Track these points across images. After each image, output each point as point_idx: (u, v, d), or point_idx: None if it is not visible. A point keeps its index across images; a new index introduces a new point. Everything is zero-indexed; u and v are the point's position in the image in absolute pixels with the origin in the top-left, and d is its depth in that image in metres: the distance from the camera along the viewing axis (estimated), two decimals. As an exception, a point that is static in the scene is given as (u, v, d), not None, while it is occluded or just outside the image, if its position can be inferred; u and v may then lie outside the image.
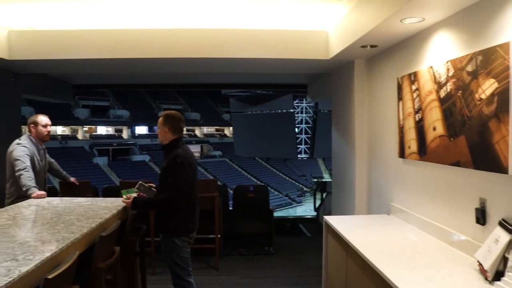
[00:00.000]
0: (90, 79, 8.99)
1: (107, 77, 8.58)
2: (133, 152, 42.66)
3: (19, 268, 1.95)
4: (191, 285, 3.67)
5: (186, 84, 10.19)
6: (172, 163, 3.48)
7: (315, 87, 8.40)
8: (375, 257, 2.79)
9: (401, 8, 2.95)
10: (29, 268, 1.97)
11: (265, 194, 6.77)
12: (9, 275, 1.87)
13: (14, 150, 4.28)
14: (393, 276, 2.42)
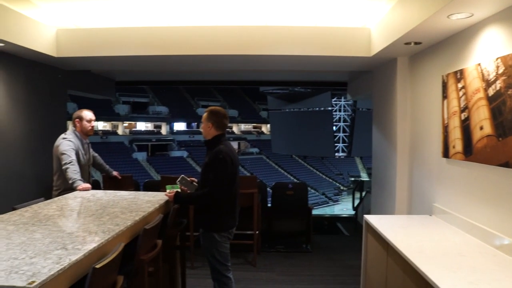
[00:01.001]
0: (132, 75, 9.20)
1: (148, 74, 8.77)
2: (171, 147, 43.29)
3: (69, 257, 2.02)
4: (229, 280, 3.69)
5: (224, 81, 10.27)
6: (214, 159, 3.51)
7: (355, 84, 8.30)
8: (417, 258, 2.73)
9: (448, 4, 2.87)
10: (78, 257, 2.03)
11: (304, 192, 6.74)
12: (60, 263, 1.94)
13: (60, 144, 4.42)
14: (437, 278, 2.37)
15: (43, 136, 5.98)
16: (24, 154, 5.71)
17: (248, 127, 49.51)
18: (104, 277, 2.05)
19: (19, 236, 2.39)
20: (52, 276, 1.80)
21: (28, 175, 5.76)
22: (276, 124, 35.42)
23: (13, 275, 1.78)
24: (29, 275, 1.78)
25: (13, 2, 4.57)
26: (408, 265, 2.77)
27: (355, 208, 10.12)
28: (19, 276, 1.77)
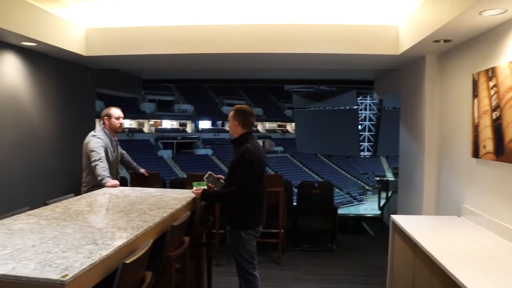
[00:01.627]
0: (158, 74, 9.31)
1: (174, 72, 8.85)
2: (196, 146, 43.58)
3: (100, 252, 2.06)
4: (255, 278, 3.70)
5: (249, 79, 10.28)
6: (240, 158, 3.52)
7: (382, 83, 8.20)
8: (446, 259, 2.69)
9: (480, 0, 2.82)
10: (108, 252, 2.08)
11: (329, 191, 6.71)
12: (91, 257, 1.98)
13: (89, 141, 4.50)
14: (466, 280, 2.32)
15: (73, 134, 6.10)
16: (55, 151, 5.85)
17: (273, 125, 49.45)
18: (133, 272, 2.08)
19: (51, 231, 2.46)
20: (84, 270, 1.85)
21: (59, 171, 5.90)
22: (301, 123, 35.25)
23: (48, 268, 1.83)
24: (62, 268, 1.83)
25: (44, 2, 4.67)
26: (437, 267, 2.73)
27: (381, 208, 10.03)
28: (53, 269, 1.82)
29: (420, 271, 3.17)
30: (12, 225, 2.59)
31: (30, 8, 4.57)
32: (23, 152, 5.21)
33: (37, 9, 4.69)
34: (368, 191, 40.28)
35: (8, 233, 2.41)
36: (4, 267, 1.83)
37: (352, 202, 37.44)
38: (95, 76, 6.91)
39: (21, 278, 1.75)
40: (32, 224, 2.62)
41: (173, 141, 42.66)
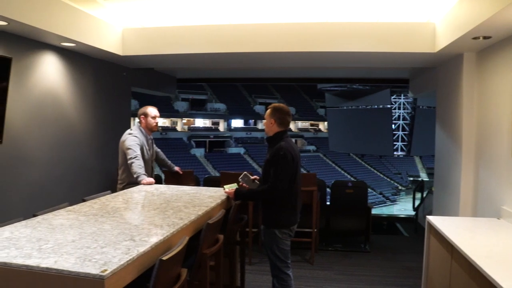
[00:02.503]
0: (192, 73, 9.42)
1: (207, 71, 8.94)
2: (228, 144, 43.79)
3: (137, 248, 2.10)
4: (288, 277, 3.70)
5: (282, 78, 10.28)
6: (275, 156, 3.52)
7: (418, 82, 8.05)
8: (485, 263, 2.61)
9: (523, -4, 2.73)
10: (145, 249, 2.11)
11: (363, 191, 6.63)
12: (129, 253, 2.02)
13: (126, 139, 4.58)
14: (508, 285, 2.25)
15: (109, 132, 6.25)
16: (91, 149, 5.99)
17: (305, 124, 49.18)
18: (169, 269, 2.11)
19: (90, 227, 2.52)
20: (122, 265, 1.89)
21: (95, 168, 6.04)
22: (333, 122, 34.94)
23: (87, 263, 1.88)
24: (101, 263, 1.88)
25: (82, 3, 4.80)
26: (475, 270, 2.66)
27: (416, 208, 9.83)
28: (92, 264, 1.87)
29: (457, 274, 3.10)
30: (53, 220, 2.67)
31: (69, 9, 4.69)
32: (61, 150, 5.36)
33: (76, 11, 4.81)
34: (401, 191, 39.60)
35: (49, 227, 2.48)
36: (47, 261, 1.89)
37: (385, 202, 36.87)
38: (131, 75, 7.05)
39: (63, 272, 1.80)
40: (72, 220, 2.69)
41: (206, 139, 42.98)
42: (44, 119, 5.06)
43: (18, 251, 2.03)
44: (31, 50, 4.82)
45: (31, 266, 1.85)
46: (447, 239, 3.26)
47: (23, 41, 4.65)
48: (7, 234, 2.34)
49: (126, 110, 7.23)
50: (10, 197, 4.57)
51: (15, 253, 1.99)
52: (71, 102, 5.56)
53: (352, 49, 5.19)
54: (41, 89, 4.99)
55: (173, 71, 8.79)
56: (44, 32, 4.47)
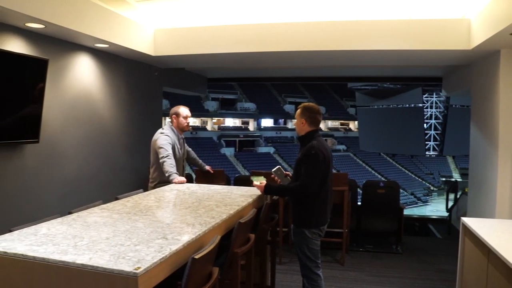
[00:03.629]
0: (222, 73, 9.47)
1: (237, 71, 8.96)
2: (258, 144, 43.85)
3: (170, 246, 2.12)
4: (319, 277, 3.67)
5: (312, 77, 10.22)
6: (306, 155, 3.50)
7: (452, 80, 7.87)
8: (524, 266, 2.54)
9: None
10: (178, 247, 2.13)
11: (395, 191, 6.52)
12: (162, 252, 2.04)
13: (158, 138, 4.62)
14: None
15: (140, 131, 6.34)
16: (124, 148, 6.10)
17: (336, 123, 48.83)
18: (202, 267, 2.13)
19: (123, 224, 2.56)
20: (155, 263, 1.90)
21: (127, 167, 6.15)
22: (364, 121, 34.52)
23: (121, 260, 1.90)
24: (135, 261, 1.90)
25: (115, 5, 4.88)
26: (514, 273, 2.58)
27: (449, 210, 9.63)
28: (126, 261, 1.89)
29: (495, 278, 3.01)
30: (88, 218, 2.72)
31: (103, 11, 4.79)
32: (95, 149, 5.48)
33: (109, 12, 4.90)
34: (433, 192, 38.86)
35: (84, 225, 2.53)
36: (82, 257, 1.93)
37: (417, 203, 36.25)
38: (162, 75, 7.14)
39: (98, 269, 1.84)
40: (105, 218, 2.74)
41: (236, 139, 43.15)
42: (78, 119, 5.17)
43: (55, 247, 2.08)
44: (67, 52, 4.93)
45: (67, 262, 1.89)
46: (484, 242, 3.17)
47: (59, 43, 4.77)
48: (44, 230, 2.40)
49: (158, 109, 7.33)
50: (47, 194, 4.70)
51: (52, 249, 2.05)
52: (104, 102, 5.67)
53: (384, 48, 5.12)
54: (75, 89, 5.10)
55: (203, 71, 8.86)
56: (79, 34, 4.57)
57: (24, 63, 4.20)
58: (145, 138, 5.13)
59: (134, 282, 1.78)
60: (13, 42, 4.16)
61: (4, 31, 4.05)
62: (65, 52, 4.91)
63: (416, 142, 30.87)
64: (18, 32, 4.21)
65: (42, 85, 4.34)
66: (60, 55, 4.81)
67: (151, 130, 4.93)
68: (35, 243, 2.15)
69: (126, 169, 6.15)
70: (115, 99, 5.89)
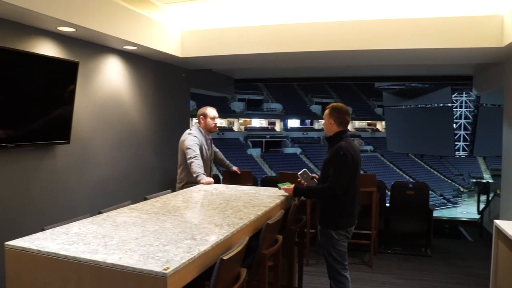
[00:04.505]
0: (249, 73, 9.48)
1: (264, 71, 8.97)
2: (285, 144, 43.79)
3: (198, 247, 2.13)
4: (346, 279, 3.63)
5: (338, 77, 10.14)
6: (334, 155, 3.47)
7: (483, 78, 7.68)
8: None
9: None
10: (206, 248, 2.13)
11: (425, 192, 6.39)
12: (190, 252, 2.05)
13: (186, 139, 4.66)
14: None
15: (168, 132, 6.41)
16: (152, 148, 6.17)
17: (362, 124, 48.36)
18: (230, 268, 2.12)
19: (152, 225, 2.58)
20: (183, 264, 1.91)
21: (155, 167, 6.22)
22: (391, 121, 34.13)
23: (150, 260, 1.92)
24: (164, 261, 1.91)
25: (143, 7, 4.95)
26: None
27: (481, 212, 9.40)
28: (155, 261, 1.91)
29: (529, 281, 2.93)
30: (117, 218, 2.76)
31: (131, 14, 4.85)
32: (124, 149, 5.55)
33: (137, 15, 4.97)
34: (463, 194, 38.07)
35: (113, 225, 2.57)
36: (112, 257, 1.96)
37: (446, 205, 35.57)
38: (190, 77, 7.20)
39: (127, 268, 1.86)
40: (134, 218, 2.77)
41: (262, 139, 43.18)
42: (107, 120, 5.26)
43: (86, 246, 2.12)
44: (96, 54, 5.02)
45: (97, 261, 1.92)
46: (518, 245, 3.09)
47: (89, 45, 4.86)
48: (75, 229, 2.44)
49: (185, 110, 7.39)
50: (77, 194, 4.79)
51: (83, 248, 2.08)
52: (133, 103, 5.75)
53: (413, 46, 5.03)
54: (105, 91, 5.19)
55: (230, 72, 8.89)
56: (108, 37, 4.65)
57: (56, 66, 4.29)
58: (173, 139, 5.18)
59: (163, 282, 1.79)
60: (46, 45, 4.26)
61: (37, 35, 4.14)
62: (95, 54, 5.00)
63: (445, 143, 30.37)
64: (50, 35, 4.30)
65: (73, 87, 4.42)
66: (90, 57, 4.90)
67: (179, 131, 4.97)
68: (67, 242, 2.20)
69: (154, 169, 6.22)
70: (143, 100, 5.96)
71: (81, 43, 4.72)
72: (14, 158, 3.98)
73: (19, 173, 4.06)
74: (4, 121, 3.75)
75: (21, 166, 4.07)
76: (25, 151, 4.11)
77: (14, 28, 3.90)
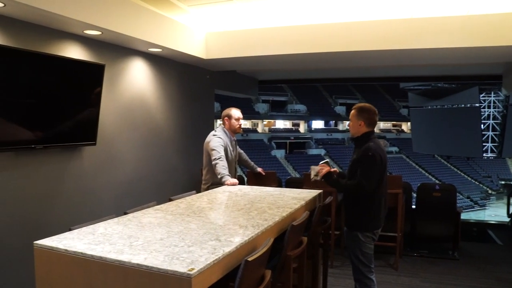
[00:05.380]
0: (273, 75, 9.48)
1: (287, 72, 8.95)
2: (309, 145, 43.66)
3: (223, 248, 2.12)
4: (372, 282, 3.59)
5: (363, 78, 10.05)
6: (363, 156, 3.44)
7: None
8: None
9: None
10: (231, 249, 2.13)
11: (452, 194, 6.25)
12: (215, 253, 2.05)
13: (210, 140, 4.67)
14: None
15: (193, 133, 6.45)
16: (177, 150, 6.22)
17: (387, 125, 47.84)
18: (254, 270, 2.12)
19: (177, 225, 2.59)
20: (208, 265, 1.91)
21: (180, 168, 6.26)
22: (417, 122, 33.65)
23: (175, 261, 1.93)
24: (188, 262, 1.91)
25: (168, 10, 4.99)
26: None
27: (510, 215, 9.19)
28: (180, 262, 1.92)
29: None
30: (142, 219, 2.78)
31: (156, 16, 4.91)
32: (149, 151, 5.61)
33: (162, 17, 5.02)
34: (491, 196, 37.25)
35: (139, 225, 2.59)
36: (138, 257, 1.97)
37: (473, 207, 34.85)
38: (214, 78, 7.24)
39: (152, 269, 1.87)
40: (159, 218, 2.79)
41: (286, 141, 43.15)
42: (133, 122, 5.32)
43: (112, 246, 2.14)
44: (122, 57, 5.08)
45: (123, 261, 1.94)
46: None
47: (115, 48, 4.92)
48: (101, 230, 2.47)
49: (210, 112, 7.43)
50: (103, 194, 4.85)
51: (109, 248, 2.10)
52: (158, 105, 5.80)
53: (440, 46, 4.94)
54: (130, 93, 5.25)
55: (254, 73, 8.90)
56: (134, 39, 4.70)
57: (83, 69, 4.36)
58: (198, 140, 5.20)
59: (188, 283, 1.79)
60: (72, 48, 4.33)
61: (64, 39, 4.22)
62: (120, 57, 5.06)
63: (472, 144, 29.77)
64: (77, 39, 4.38)
65: (99, 90, 4.49)
66: (115, 60, 4.96)
67: (204, 132, 4.99)
68: (93, 242, 2.23)
69: (179, 170, 6.27)
70: (168, 102, 6.01)
71: (107, 46, 4.79)
72: (42, 159, 4.07)
73: (47, 174, 4.14)
74: (34, 123, 3.84)
75: (49, 167, 4.15)
76: (53, 152, 4.19)
77: (43, 33, 3.98)
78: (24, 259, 3.42)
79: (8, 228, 3.73)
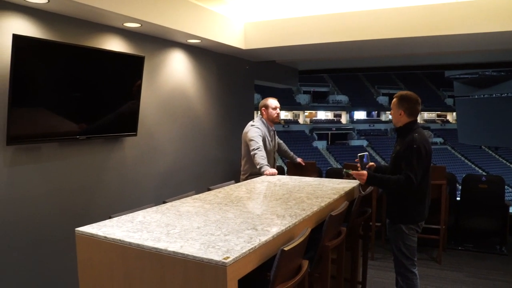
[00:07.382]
0: (313, 64, 9.36)
1: (328, 62, 8.82)
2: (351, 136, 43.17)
3: (259, 237, 2.11)
4: (414, 275, 3.50)
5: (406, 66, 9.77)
6: (407, 148, 3.32)
7: None
8: None
9: None
10: (267, 238, 2.12)
11: (500, 186, 6.00)
12: (251, 242, 2.04)
13: (249, 131, 4.68)
14: None
15: (233, 124, 6.47)
16: (216, 140, 6.25)
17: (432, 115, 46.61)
18: (291, 259, 2.09)
19: (214, 214, 2.60)
20: (244, 254, 1.91)
21: (219, 159, 6.30)
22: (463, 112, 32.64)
23: (211, 249, 1.93)
24: (224, 250, 1.91)
25: (206, 1, 5.01)
26: None
27: None
28: (215, 250, 1.92)
29: None
30: (181, 207, 2.81)
31: (195, 8, 4.92)
32: (189, 141, 5.67)
33: (200, 8, 5.03)
34: (542, 189, 35.75)
35: (177, 214, 2.62)
36: (174, 245, 1.99)
37: (522, 201, 33.51)
38: (254, 69, 7.22)
39: (188, 256, 1.88)
40: (197, 208, 2.81)
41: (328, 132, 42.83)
42: (173, 113, 5.38)
43: (149, 234, 2.17)
44: (161, 49, 5.14)
45: (160, 249, 1.96)
46: None
47: (154, 40, 4.98)
48: (140, 218, 2.51)
49: (250, 102, 7.43)
50: (144, 184, 4.94)
51: (147, 236, 2.13)
52: (197, 96, 5.84)
53: (488, 30, 4.70)
54: (170, 84, 5.31)
55: (294, 63, 8.81)
56: (173, 31, 4.74)
57: (123, 61, 4.42)
58: (237, 131, 5.21)
59: (223, 272, 1.79)
60: (113, 41, 4.41)
61: (104, 32, 4.30)
62: (160, 48, 5.11)
63: (522, 134, 28.61)
64: (117, 31, 4.44)
65: (139, 82, 4.55)
66: (155, 52, 5.02)
67: (243, 123, 4.99)
68: (132, 229, 2.27)
69: (218, 161, 6.31)
70: (207, 93, 6.04)
71: (147, 38, 4.85)
72: (85, 149, 4.17)
73: (90, 164, 4.25)
74: (78, 116, 3.93)
75: (92, 157, 4.26)
76: (96, 143, 4.29)
77: (84, 26, 4.06)
78: (67, 247, 3.52)
79: (52, 216, 3.85)
